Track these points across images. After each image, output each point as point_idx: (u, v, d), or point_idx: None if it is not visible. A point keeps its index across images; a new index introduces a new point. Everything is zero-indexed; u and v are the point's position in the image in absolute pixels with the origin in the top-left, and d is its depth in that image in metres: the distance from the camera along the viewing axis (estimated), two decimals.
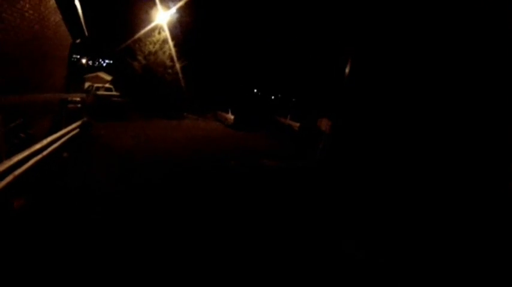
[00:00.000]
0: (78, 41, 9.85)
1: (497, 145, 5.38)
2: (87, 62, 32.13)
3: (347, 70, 9.01)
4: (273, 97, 30.03)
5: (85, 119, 9.96)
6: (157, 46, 19.11)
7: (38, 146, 4.99)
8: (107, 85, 18.19)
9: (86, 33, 9.87)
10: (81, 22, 9.03)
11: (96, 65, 37.40)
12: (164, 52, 19.39)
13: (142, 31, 19.20)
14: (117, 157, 8.29)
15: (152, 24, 19.11)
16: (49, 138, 5.68)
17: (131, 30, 19.31)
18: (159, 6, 18.79)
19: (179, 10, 20.55)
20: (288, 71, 29.25)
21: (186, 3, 20.37)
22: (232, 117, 18.93)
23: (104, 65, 37.31)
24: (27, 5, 5.65)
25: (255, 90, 29.22)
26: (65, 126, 7.67)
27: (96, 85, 17.51)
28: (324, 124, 28.32)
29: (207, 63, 24.28)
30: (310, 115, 26.69)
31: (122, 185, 6.19)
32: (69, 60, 9.92)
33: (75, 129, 8.49)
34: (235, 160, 10.37)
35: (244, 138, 15.89)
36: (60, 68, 9.04)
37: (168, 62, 19.47)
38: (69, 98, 9.50)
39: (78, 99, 10.47)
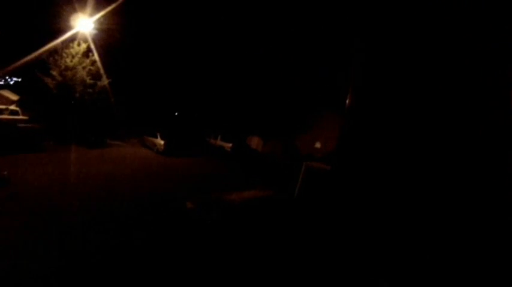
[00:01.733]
0: None
1: None
2: None
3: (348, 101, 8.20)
4: (199, 118, 29.16)
5: None
6: (75, 60, 16.49)
7: None
8: (13, 107, 15.19)
9: None
10: None
11: (2, 83, 30.69)
12: (84, 67, 16.91)
13: (58, 40, 16.42)
14: (34, 218, 5.97)
15: (71, 33, 16.48)
16: None
17: (45, 40, 16.41)
18: (80, 11, 16.51)
19: (105, 18, 18.29)
20: (214, 92, 28.77)
21: (113, 11, 18.23)
22: (162, 142, 17.76)
23: (12, 82, 30.83)
24: None
25: (182, 112, 27.98)
26: None
27: None
28: (255, 142, 28.98)
29: (130, 83, 22.22)
30: (239, 135, 26.82)
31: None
32: None
33: None
34: (190, 199, 9.01)
35: (183, 166, 15.23)
36: None
37: (88, 80, 17.08)
38: None
39: None
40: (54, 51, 16.32)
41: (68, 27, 16.44)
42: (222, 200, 9.59)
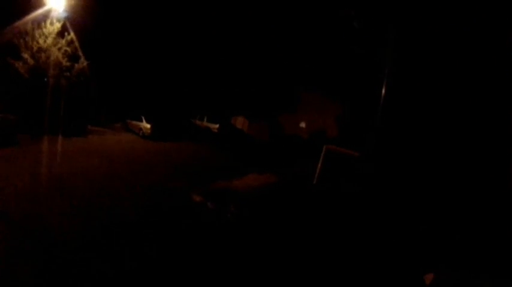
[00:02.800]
0: None
1: None
2: None
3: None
4: (184, 99, 28.25)
5: None
6: (49, 41, 15.07)
7: None
8: None
9: None
10: None
11: None
12: (59, 48, 15.50)
13: (28, 17, 14.92)
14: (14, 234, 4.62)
15: (43, 9, 14.99)
16: None
17: (14, 18, 14.86)
18: None
19: None
20: (197, 72, 27.86)
21: None
22: (148, 126, 17.20)
23: None
24: None
25: (166, 93, 26.97)
26: None
27: None
28: (240, 123, 28.57)
29: (111, 63, 20.91)
30: (225, 115, 26.30)
31: None
32: None
33: None
34: (195, 191, 8.23)
35: (174, 151, 14.76)
36: None
37: (64, 62, 15.72)
38: None
39: None
40: (25, 33, 14.87)
41: (39, 4, 15.01)
42: (230, 191, 9.14)
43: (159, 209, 6.89)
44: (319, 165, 9.83)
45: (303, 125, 26.46)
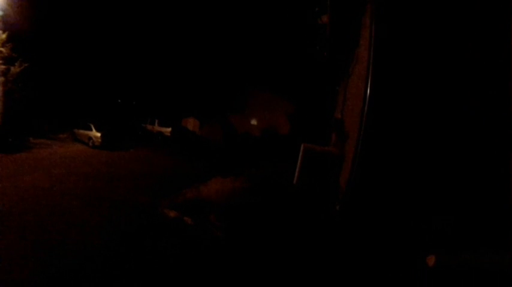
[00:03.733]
0: None
1: None
2: None
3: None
4: (133, 104, 26.96)
5: None
6: None
7: None
8: None
9: None
10: None
11: None
12: None
13: None
14: None
15: None
16: None
17: None
18: None
19: None
20: (144, 75, 26.78)
21: None
22: (98, 134, 16.10)
23: None
24: None
25: (114, 98, 25.47)
26: None
27: None
28: (191, 124, 28.11)
29: (53, 67, 19.06)
30: (176, 118, 25.70)
31: None
32: None
33: None
34: (166, 205, 7.69)
35: (129, 159, 14.16)
36: None
37: None
38: None
39: None
40: None
41: None
42: (203, 200, 8.70)
43: (131, 234, 6.10)
44: (299, 164, 9.83)
45: (254, 122, 26.92)
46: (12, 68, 14.65)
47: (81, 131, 17.03)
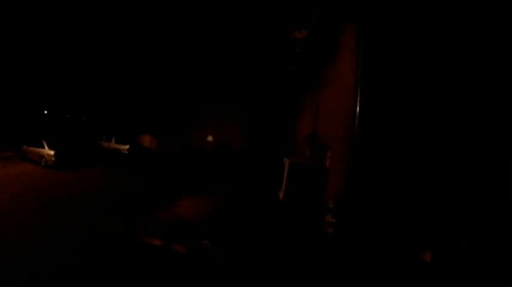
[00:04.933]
0: None
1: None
2: None
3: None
4: (87, 120, 25.30)
5: None
6: None
7: None
8: None
9: None
10: None
11: None
12: None
13: None
14: None
15: None
16: None
17: None
18: None
19: None
20: (98, 90, 25.43)
21: None
22: (52, 152, 14.70)
23: None
24: None
25: (67, 113, 23.67)
26: None
27: None
28: (147, 141, 27.13)
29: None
30: (133, 134, 24.65)
31: None
32: None
33: None
34: (146, 231, 7.20)
35: (88, 180, 13.05)
36: None
37: None
38: None
39: None
40: None
41: None
42: (183, 223, 8.39)
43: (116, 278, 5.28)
44: (284, 180, 9.83)
45: (210, 138, 26.78)
46: None
47: (31, 149, 15.40)
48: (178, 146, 26.33)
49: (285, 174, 9.77)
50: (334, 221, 7.28)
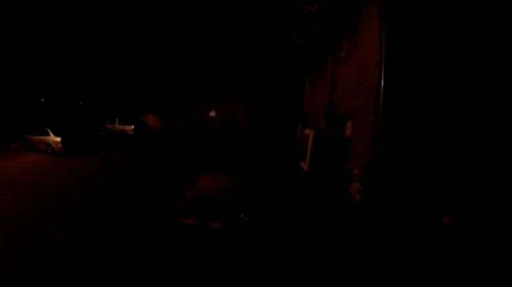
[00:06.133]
0: None
1: None
2: None
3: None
4: (88, 101, 24.50)
5: None
6: None
7: None
8: None
9: None
10: None
11: None
12: None
13: None
14: None
15: None
16: None
17: None
18: None
19: None
20: (100, 68, 24.47)
21: None
22: (58, 139, 14.16)
23: None
24: None
25: (68, 97, 22.86)
26: None
27: None
28: (151, 121, 26.58)
29: None
30: (137, 114, 24.01)
31: None
32: None
33: None
34: (177, 212, 6.95)
35: (100, 166, 12.58)
36: None
37: None
38: None
39: None
40: None
41: None
42: (213, 199, 8.26)
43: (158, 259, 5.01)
44: (309, 151, 9.79)
45: (213, 113, 26.27)
46: None
47: (37, 138, 14.83)
48: (184, 124, 25.78)
49: (309, 145, 9.65)
50: (361, 188, 7.25)
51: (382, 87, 6.70)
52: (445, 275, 4.46)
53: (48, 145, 14.33)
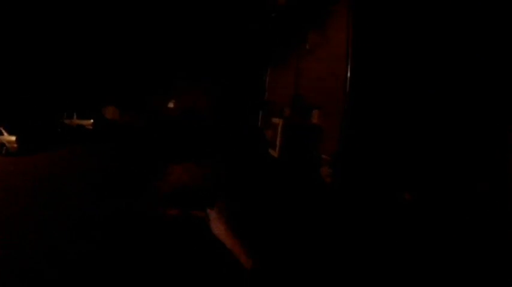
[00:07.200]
0: None
1: None
2: None
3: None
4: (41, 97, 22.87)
5: None
6: None
7: None
8: None
9: None
10: None
11: None
12: None
13: None
14: None
15: None
16: None
17: None
18: None
19: None
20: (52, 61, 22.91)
21: None
22: (13, 138, 13.40)
23: None
24: None
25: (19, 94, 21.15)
26: None
27: None
28: (110, 113, 25.64)
29: None
30: (95, 108, 23.05)
31: None
32: None
33: None
34: (142, 200, 7.03)
35: (61, 164, 12.15)
36: None
37: None
38: None
39: None
40: None
41: None
42: (185, 188, 8.23)
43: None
44: (278, 138, 10.29)
45: (171, 104, 26.05)
46: None
47: None
48: (143, 115, 25.18)
49: (278, 133, 10.07)
50: (331, 171, 7.85)
51: (348, 80, 7.33)
52: (408, 243, 4.90)
53: (2, 145, 13.45)
